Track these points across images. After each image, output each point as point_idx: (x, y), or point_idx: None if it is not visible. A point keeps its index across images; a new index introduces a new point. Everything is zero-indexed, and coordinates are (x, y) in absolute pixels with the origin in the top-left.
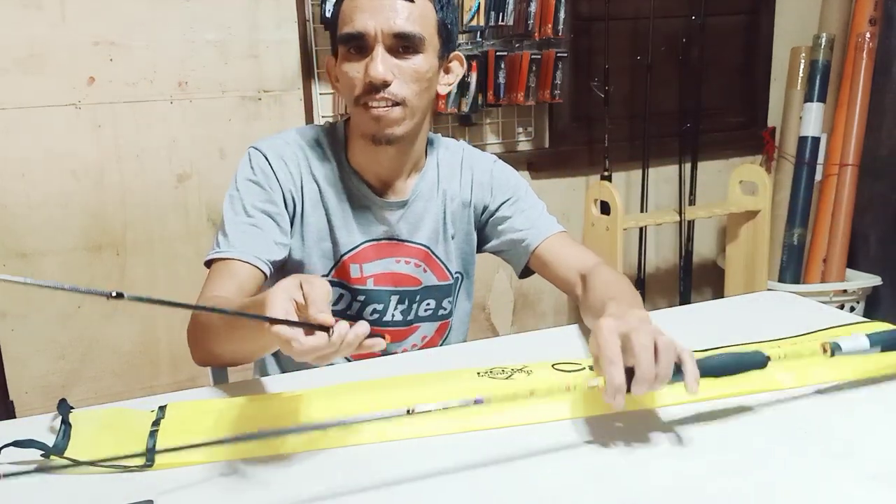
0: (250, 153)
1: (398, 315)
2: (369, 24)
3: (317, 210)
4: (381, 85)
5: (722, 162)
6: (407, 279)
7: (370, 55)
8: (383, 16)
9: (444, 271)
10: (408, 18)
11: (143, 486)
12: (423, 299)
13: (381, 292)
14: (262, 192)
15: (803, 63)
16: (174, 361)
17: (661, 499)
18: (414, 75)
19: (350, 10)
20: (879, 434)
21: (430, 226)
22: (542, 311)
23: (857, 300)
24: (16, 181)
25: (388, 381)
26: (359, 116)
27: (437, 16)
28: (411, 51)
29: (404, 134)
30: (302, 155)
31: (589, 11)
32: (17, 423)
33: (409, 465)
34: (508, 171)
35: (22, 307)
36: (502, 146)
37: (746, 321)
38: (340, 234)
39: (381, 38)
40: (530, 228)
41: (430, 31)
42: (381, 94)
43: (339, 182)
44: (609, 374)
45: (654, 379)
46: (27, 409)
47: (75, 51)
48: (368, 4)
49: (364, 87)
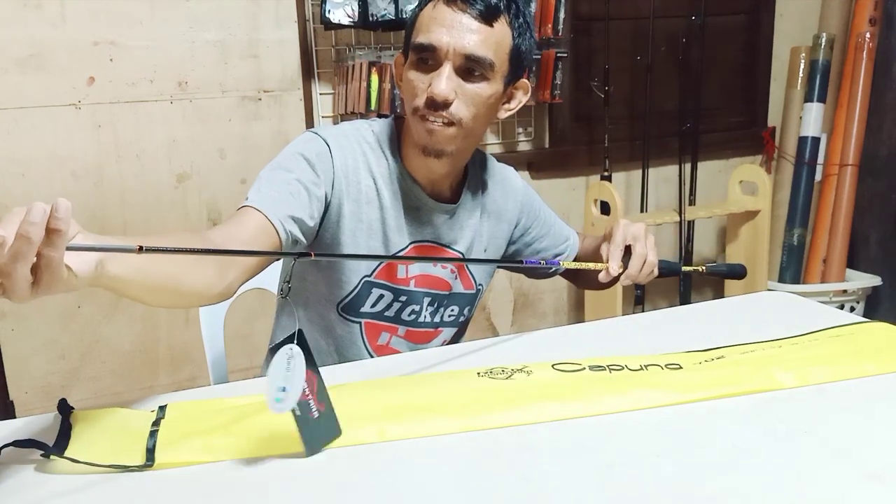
0: (310, 136)
1: (427, 317)
2: (443, 40)
3: (371, 206)
4: (442, 103)
5: (722, 162)
6: (440, 283)
7: (438, 70)
8: (459, 35)
9: (471, 281)
10: (483, 42)
11: (143, 486)
12: (449, 305)
13: (419, 293)
14: (311, 173)
15: (803, 63)
16: (174, 361)
17: (660, 498)
18: (475, 99)
19: (428, 21)
20: (879, 434)
21: (468, 235)
22: (542, 311)
23: (857, 300)
24: (16, 181)
25: (388, 381)
26: (414, 125)
27: (512, 42)
28: (478, 75)
29: (454, 151)
30: (359, 150)
31: (589, 11)
32: (17, 423)
33: (409, 466)
34: (526, 185)
35: (22, 307)
36: (502, 146)
37: (746, 321)
38: (392, 233)
39: (452, 57)
40: (566, 242)
41: (501, 58)
42: (440, 112)
43: (394, 180)
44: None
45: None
46: (27, 409)
47: (75, 51)
48: (448, 20)
49: (425, 101)
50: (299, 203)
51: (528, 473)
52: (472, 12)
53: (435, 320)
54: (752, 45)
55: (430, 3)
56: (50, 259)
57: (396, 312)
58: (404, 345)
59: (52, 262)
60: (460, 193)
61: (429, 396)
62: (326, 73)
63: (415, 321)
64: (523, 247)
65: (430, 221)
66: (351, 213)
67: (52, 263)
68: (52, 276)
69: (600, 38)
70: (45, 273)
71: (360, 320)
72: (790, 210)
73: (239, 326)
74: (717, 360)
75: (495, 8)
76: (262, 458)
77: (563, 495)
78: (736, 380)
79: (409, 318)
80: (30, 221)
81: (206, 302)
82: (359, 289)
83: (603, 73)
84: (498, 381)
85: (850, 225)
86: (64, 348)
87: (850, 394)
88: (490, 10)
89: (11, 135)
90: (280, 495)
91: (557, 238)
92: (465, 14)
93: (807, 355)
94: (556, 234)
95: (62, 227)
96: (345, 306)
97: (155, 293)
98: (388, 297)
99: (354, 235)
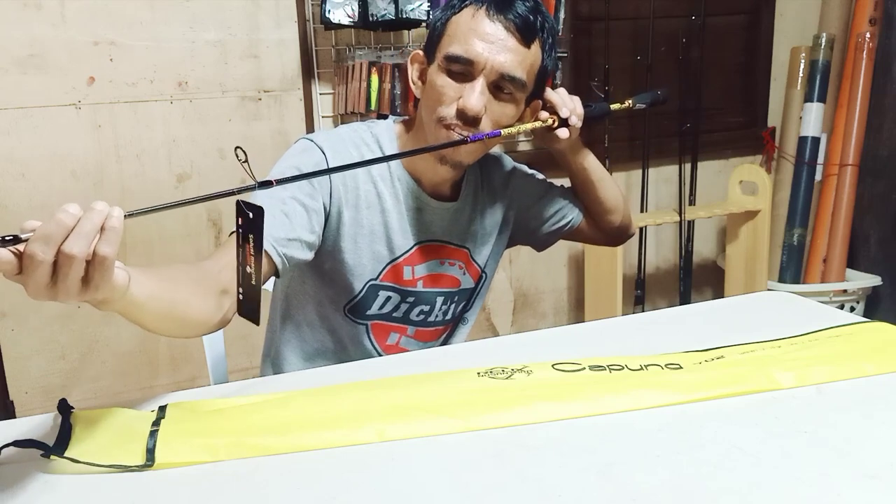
0: (306, 145)
1: (440, 316)
2: (482, 56)
3: (372, 210)
4: (473, 118)
5: (722, 162)
6: (450, 280)
7: (471, 83)
8: (497, 51)
9: (478, 271)
10: (520, 63)
11: (143, 486)
12: (460, 300)
13: (428, 294)
14: (307, 186)
15: (803, 63)
16: (174, 361)
17: (660, 498)
18: (502, 118)
19: (467, 31)
20: (878, 434)
21: (471, 228)
22: (542, 311)
23: (857, 300)
24: (16, 181)
25: (388, 381)
26: (435, 132)
27: (541, 63)
28: (508, 94)
29: (471, 163)
30: (357, 154)
31: (589, 11)
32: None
33: (409, 466)
34: (527, 168)
35: (22, 307)
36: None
37: (746, 321)
38: (396, 235)
39: (487, 73)
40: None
41: (531, 78)
42: (469, 126)
43: (395, 182)
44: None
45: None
46: (27, 409)
47: (75, 51)
48: (489, 35)
49: (455, 112)
50: (296, 222)
51: (528, 473)
52: (513, 30)
53: (447, 318)
54: (752, 45)
55: (468, 11)
56: (104, 257)
57: (405, 313)
58: (414, 344)
59: (106, 260)
60: (460, 191)
61: (429, 396)
62: (326, 73)
63: (424, 321)
64: (532, 219)
65: (434, 221)
66: (351, 220)
67: (106, 262)
68: (103, 275)
69: (600, 38)
70: (98, 271)
71: (366, 322)
72: (790, 210)
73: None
74: (716, 360)
75: (534, 29)
76: (262, 458)
77: (563, 495)
78: (736, 380)
79: (418, 319)
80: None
81: (207, 331)
82: (365, 292)
83: (603, 73)
84: (498, 381)
85: (850, 225)
86: (64, 348)
87: (849, 394)
88: (530, 30)
89: (11, 135)
90: (280, 495)
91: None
92: (506, 31)
93: (806, 355)
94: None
95: (118, 225)
96: (351, 308)
97: (163, 321)
98: (395, 298)
99: (356, 241)
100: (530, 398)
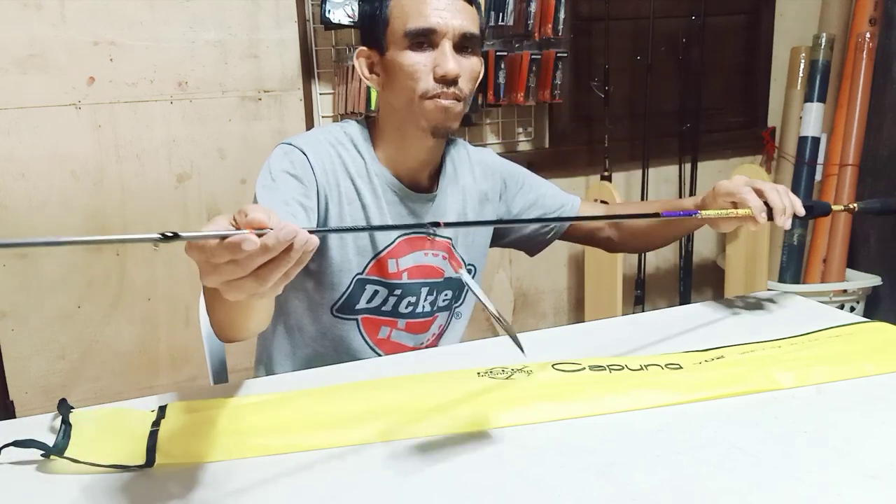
0: (286, 149)
1: (426, 306)
2: (441, 22)
3: (353, 206)
4: (453, 80)
5: (722, 162)
6: (433, 271)
7: (436, 50)
8: (452, 15)
9: (461, 262)
10: (473, 20)
11: (143, 486)
12: (443, 290)
13: (413, 285)
14: (300, 186)
15: (803, 63)
16: (174, 361)
17: (660, 498)
18: (472, 73)
19: (417, 5)
20: (878, 434)
21: (452, 219)
22: (542, 311)
23: (857, 300)
24: (16, 181)
25: (388, 381)
26: (423, 108)
27: (480, 20)
28: (470, 51)
29: (456, 127)
30: (334, 152)
31: (589, 11)
32: (17, 423)
33: (409, 466)
34: (507, 161)
35: (22, 307)
36: (502, 146)
37: (746, 321)
38: None
39: (451, 36)
40: (561, 207)
41: (482, 30)
42: (452, 90)
43: (372, 177)
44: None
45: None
46: (27, 409)
47: (75, 51)
48: (440, 2)
49: (436, 79)
50: (299, 222)
51: (528, 473)
52: None
53: (433, 309)
54: (752, 45)
55: None
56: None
57: (393, 306)
58: (406, 336)
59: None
60: (437, 181)
61: (429, 396)
62: (326, 73)
63: (412, 312)
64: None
65: (414, 212)
66: (335, 216)
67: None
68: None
69: (600, 38)
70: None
71: (356, 317)
72: None
73: None
74: (716, 360)
75: None
76: (261, 458)
77: (563, 495)
78: (736, 380)
79: (406, 311)
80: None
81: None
82: (352, 288)
83: (603, 73)
84: (498, 381)
85: (849, 225)
86: (64, 348)
87: (849, 394)
88: None
89: (11, 135)
90: (280, 495)
91: (550, 206)
92: None
93: (806, 355)
94: (547, 203)
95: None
96: (340, 307)
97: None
98: (382, 292)
99: (341, 236)
100: (530, 398)
